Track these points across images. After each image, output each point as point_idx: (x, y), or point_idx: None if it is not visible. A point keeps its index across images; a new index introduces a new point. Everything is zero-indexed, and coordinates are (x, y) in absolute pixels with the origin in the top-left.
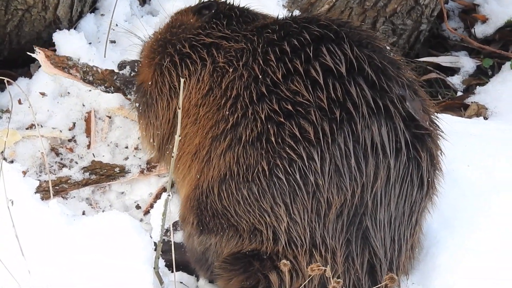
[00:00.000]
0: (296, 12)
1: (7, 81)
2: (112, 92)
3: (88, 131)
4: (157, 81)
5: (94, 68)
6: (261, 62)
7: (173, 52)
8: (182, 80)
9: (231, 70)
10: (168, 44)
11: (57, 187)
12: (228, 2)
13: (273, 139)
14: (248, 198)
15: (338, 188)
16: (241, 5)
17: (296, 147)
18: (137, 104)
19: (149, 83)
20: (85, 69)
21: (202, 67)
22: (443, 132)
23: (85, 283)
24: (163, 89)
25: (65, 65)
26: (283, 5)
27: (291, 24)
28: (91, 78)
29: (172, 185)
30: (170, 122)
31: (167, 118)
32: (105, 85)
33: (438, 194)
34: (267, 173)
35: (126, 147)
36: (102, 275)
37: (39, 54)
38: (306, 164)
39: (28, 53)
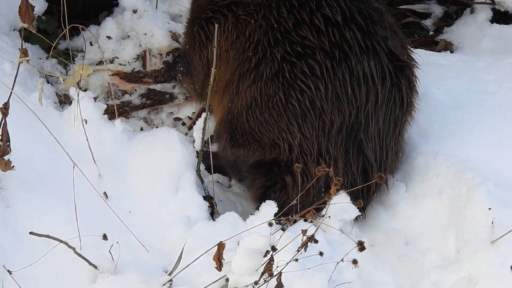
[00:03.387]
0: None
1: (81, 27)
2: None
3: (144, 65)
4: (191, 43)
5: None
6: (275, 14)
7: (199, 20)
8: (216, 25)
9: (252, 21)
10: (196, 18)
11: (120, 110)
12: None
13: (287, 75)
14: (269, 120)
15: (339, 111)
16: None
17: (305, 80)
18: (181, 68)
19: (187, 46)
20: (155, 75)
21: (225, 20)
22: (417, 63)
23: (144, 183)
24: (195, 47)
25: (137, 78)
26: None
27: None
28: (161, 79)
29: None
30: (205, 68)
31: (202, 66)
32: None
33: (416, 111)
34: (283, 101)
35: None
36: (156, 176)
37: (114, 79)
38: (314, 93)
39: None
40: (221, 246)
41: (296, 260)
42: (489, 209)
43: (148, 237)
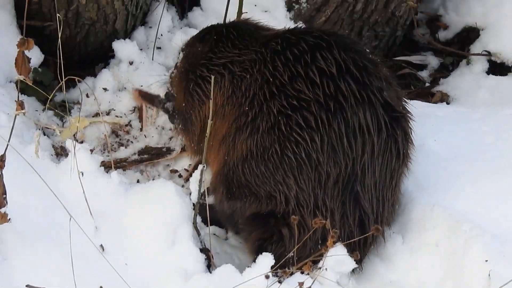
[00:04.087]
0: (300, 24)
1: (78, 79)
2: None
3: (140, 117)
4: (188, 100)
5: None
6: (270, 68)
7: (195, 77)
8: (213, 77)
9: (248, 76)
10: (189, 72)
11: (118, 164)
12: (222, 24)
13: (283, 127)
14: (265, 172)
15: (335, 162)
16: (233, 21)
17: (301, 133)
18: (179, 124)
19: (183, 104)
20: (161, 99)
21: (222, 78)
22: (413, 115)
23: (140, 235)
24: (193, 105)
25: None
26: (290, 18)
27: (290, 37)
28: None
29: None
30: (202, 123)
31: (199, 121)
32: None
33: (412, 163)
34: (279, 153)
35: (170, 129)
36: (153, 228)
37: (134, 92)
38: (310, 145)
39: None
40: None
41: None
42: (486, 261)
43: None
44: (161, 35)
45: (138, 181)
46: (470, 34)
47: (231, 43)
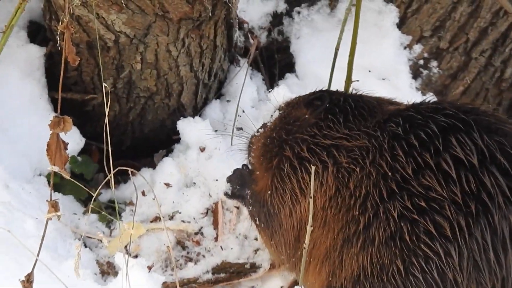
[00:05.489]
0: (430, 96)
1: (131, 171)
2: None
3: (215, 223)
4: (277, 188)
5: None
6: (388, 158)
7: (291, 155)
8: (313, 168)
9: (358, 169)
10: (284, 145)
11: (185, 286)
12: (340, 92)
13: (407, 237)
14: None
15: (478, 283)
16: (354, 92)
17: (432, 244)
18: (256, 217)
19: (269, 192)
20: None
21: (324, 169)
22: None
23: None
24: (284, 198)
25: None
26: (416, 88)
27: (415, 116)
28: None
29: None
30: (295, 229)
31: (291, 226)
32: None
33: None
34: (402, 272)
35: (256, 239)
36: None
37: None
38: (444, 261)
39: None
40: None
41: None
42: None
43: None
44: (243, 111)
45: None
46: None
47: (344, 119)
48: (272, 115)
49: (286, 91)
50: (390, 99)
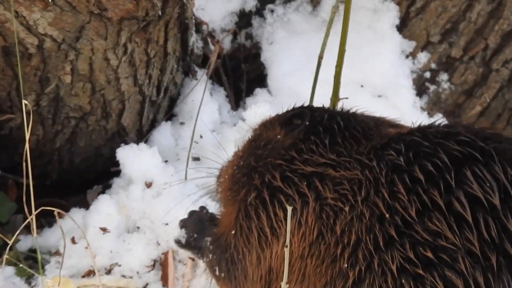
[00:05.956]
0: (439, 117)
1: (58, 212)
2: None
3: (164, 278)
4: (243, 226)
5: None
6: (386, 195)
7: (260, 184)
8: (289, 208)
9: (347, 208)
10: (253, 173)
11: None
12: (325, 108)
13: None
14: None
15: None
16: (344, 110)
17: None
18: (215, 267)
19: (232, 232)
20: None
21: (303, 205)
22: None
23: None
24: (250, 239)
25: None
26: (421, 107)
27: (421, 142)
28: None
29: None
30: (263, 281)
31: (258, 277)
32: None
33: None
34: None
35: None
36: None
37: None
38: None
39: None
40: None
41: None
42: None
43: None
44: (201, 136)
45: None
46: None
47: (330, 141)
48: (243, 141)
49: (266, 108)
50: (392, 120)
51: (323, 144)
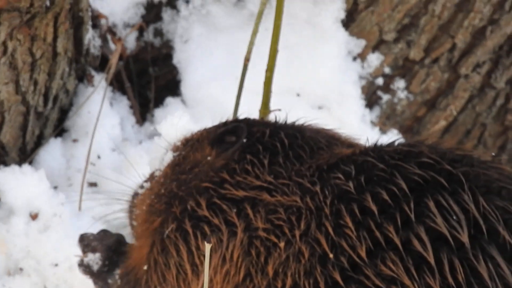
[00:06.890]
0: (393, 133)
1: None
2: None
3: None
4: (157, 262)
5: None
6: (330, 230)
7: (180, 213)
8: (208, 246)
9: (282, 243)
10: (173, 200)
11: None
12: (266, 122)
13: None
14: None
15: None
16: (288, 122)
17: None
18: None
19: (144, 267)
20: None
21: (230, 236)
22: None
23: None
24: (166, 276)
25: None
26: (371, 122)
27: (375, 164)
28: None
29: None
30: None
31: None
32: None
33: None
34: None
35: None
36: None
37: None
38: None
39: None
40: None
41: None
42: None
43: None
44: (98, 157)
45: None
46: None
47: (270, 161)
48: (164, 160)
49: (185, 120)
50: (351, 138)
51: (261, 163)
